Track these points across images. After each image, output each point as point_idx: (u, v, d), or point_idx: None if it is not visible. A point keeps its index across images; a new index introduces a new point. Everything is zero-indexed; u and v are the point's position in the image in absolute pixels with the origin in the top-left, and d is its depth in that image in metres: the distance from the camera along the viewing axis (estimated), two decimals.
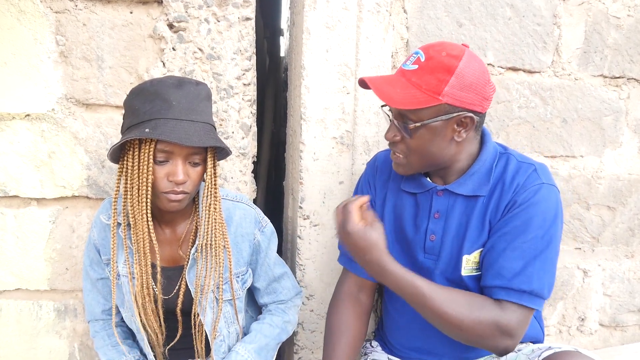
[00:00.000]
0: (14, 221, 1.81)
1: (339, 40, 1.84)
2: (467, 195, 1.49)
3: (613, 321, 2.43)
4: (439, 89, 1.33)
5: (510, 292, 1.37)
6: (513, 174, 1.45)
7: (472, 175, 1.48)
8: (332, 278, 1.97)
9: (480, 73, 1.37)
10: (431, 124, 1.37)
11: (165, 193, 1.38)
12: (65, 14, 1.70)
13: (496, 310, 1.37)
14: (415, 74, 1.37)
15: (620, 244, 2.36)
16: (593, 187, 2.27)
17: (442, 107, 1.35)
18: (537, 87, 2.11)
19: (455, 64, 1.33)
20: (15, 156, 1.76)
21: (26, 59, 1.71)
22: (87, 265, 1.61)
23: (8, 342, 1.89)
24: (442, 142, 1.41)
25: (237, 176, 1.85)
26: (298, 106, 1.91)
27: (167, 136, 1.28)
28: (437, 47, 1.38)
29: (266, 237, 1.65)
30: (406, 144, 1.44)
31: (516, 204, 1.41)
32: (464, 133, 1.41)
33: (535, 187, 1.41)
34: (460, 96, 1.34)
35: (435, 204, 1.54)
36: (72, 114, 1.76)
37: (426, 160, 1.46)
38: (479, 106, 1.38)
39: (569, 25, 2.10)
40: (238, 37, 1.77)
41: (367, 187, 1.72)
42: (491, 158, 1.50)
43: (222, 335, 1.59)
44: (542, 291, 1.38)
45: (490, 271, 1.42)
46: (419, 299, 1.35)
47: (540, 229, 1.38)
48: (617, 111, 2.23)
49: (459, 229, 1.51)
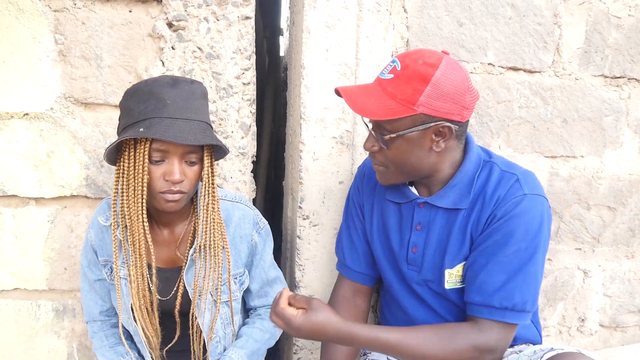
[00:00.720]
0: (12, 221, 1.80)
1: (339, 40, 1.83)
2: (447, 208, 1.46)
3: (613, 322, 2.43)
4: (413, 99, 1.29)
5: (492, 309, 1.36)
6: (494, 186, 1.42)
7: (454, 187, 1.45)
8: (332, 278, 1.96)
9: (459, 81, 1.32)
10: (407, 134, 1.34)
11: (162, 193, 1.36)
12: (64, 12, 1.69)
13: (472, 333, 1.36)
14: (390, 83, 1.34)
15: (620, 244, 2.35)
16: (593, 188, 2.26)
17: (418, 117, 1.31)
18: (537, 87, 2.10)
19: (431, 73, 1.29)
20: (14, 155, 1.75)
21: (25, 57, 1.70)
22: (85, 266, 1.60)
23: (6, 342, 1.88)
24: (420, 152, 1.38)
25: (236, 176, 1.85)
26: (298, 106, 1.90)
27: (162, 135, 1.27)
28: (414, 55, 1.34)
29: (262, 238, 1.65)
30: (384, 155, 1.41)
31: (496, 218, 1.38)
32: (443, 143, 1.37)
33: (517, 199, 1.37)
34: (436, 106, 1.30)
35: (417, 216, 1.52)
36: (70, 113, 1.76)
37: (406, 170, 1.43)
38: (457, 115, 1.34)
39: (569, 24, 2.09)
40: (237, 36, 1.76)
41: (356, 193, 1.71)
42: (474, 168, 1.45)
43: (218, 337, 1.58)
44: (525, 305, 1.36)
45: (472, 286, 1.41)
46: (394, 350, 1.34)
47: (522, 242, 1.35)
48: (618, 111, 2.22)
49: (440, 243, 1.49)
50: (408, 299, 1.60)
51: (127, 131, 1.32)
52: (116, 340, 1.62)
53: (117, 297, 1.49)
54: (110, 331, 1.64)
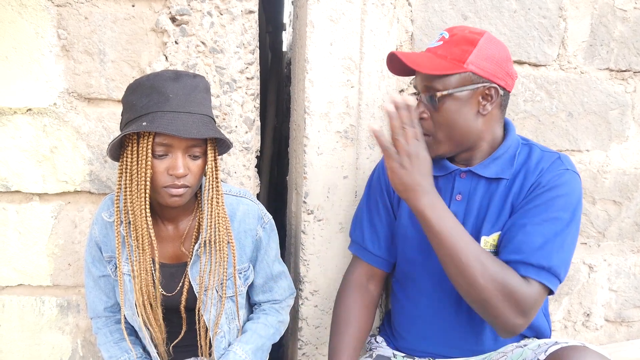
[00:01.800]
0: (16, 216, 1.80)
1: (343, 34, 1.82)
2: (490, 177, 1.50)
3: (619, 317, 2.42)
4: (463, 58, 1.38)
5: (529, 267, 1.35)
6: (537, 160, 1.48)
7: (496, 159, 1.50)
8: (337, 273, 1.95)
9: (502, 49, 1.43)
10: (457, 93, 1.40)
11: (165, 187, 1.36)
12: (66, 7, 1.69)
13: (518, 279, 1.33)
14: (440, 48, 1.44)
15: (626, 238, 2.34)
16: (599, 182, 2.25)
17: (467, 76, 1.39)
18: (542, 80, 2.09)
19: (477, 38, 1.40)
20: (17, 151, 1.75)
21: (28, 53, 1.70)
22: (89, 262, 1.60)
23: (11, 338, 1.88)
24: (468, 114, 1.43)
25: (240, 171, 1.84)
26: (302, 100, 1.89)
27: (165, 128, 1.27)
28: (460, 27, 1.47)
29: (267, 233, 1.64)
30: (433, 120, 1.45)
31: (540, 185, 1.43)
32: (489, 106, 1.43)
33: (561, 171, 1.43)
34: (483, 66, 1.39)
35: (457, 186, 1.54)
36: (74, 108, 1.75)
37: (454, 136, 1.46)
38: (502, 80, 1.42)
39: (574, 18, 2.08)
40: (241, 30, 1.75)
41: (385, 175, 1.69)
42: (514, 146, 1.52)
43: (222, 331, 1.58)
44: (560, 269, 1.36)
45: (509, 246, 1.40)
46: (452, 239, 1.33)
47: (562, 211, 1.38)
48: (623, 105, 2.21)
49: (480, 211, 1.51)
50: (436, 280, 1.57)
51: (130, 126, 1.31)
52: (120, 336, 1.62)
53: (120, 293, 1.48)
54: (115, 327, 1.64)
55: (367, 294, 1.69)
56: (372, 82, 1.87)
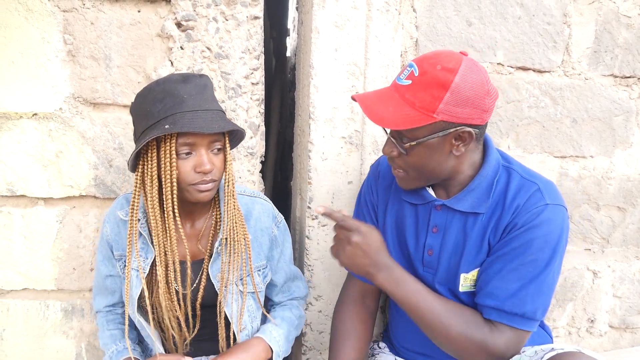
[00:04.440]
0: (21, 221, 1.80)
1: (348, 40, 1.83)
2: (465, 211, 1.45)
3: (623, 323, 2.41)
4: (433, 107, 1.26)
5: (502, 313, 1.35)
6: (514, 194, 1.39)
7: (472, 190, 1.43)
8: (341, 279, 1.95)
9: (479, 85, 1.28)
10: (427, 141, 1.32)
11: (194, 185, 1.38)
12: (73, 12, 1.69)
13: (485, 330, 1.35)
14: (408, 90, 1.30)
15: (630, 245, 2.34)
16: (603, 188, 2.25)
17: (438, 124, 1.28)
18: (547, 86, 2.09)
19: (450, 79, 1.25)
20: (23, 155, 1.75)
21: (34, 57, 1.71)
22: (99, 260, 1.61)
23: (15, 342, 1.88)
24: (440, 157, 1.36)
25: (245, 176, 1.84)
26: (307, 105, 1.89)
27: (189, 127, 1.29)
28: (432, 59, 1.30)
29: (282, 232, 1.67)
30: (404, 160, 1.39)
31: (516, 227, 1.36)
32: (463, 147, 1.35)
33: (538, 209, 1.35)
34: (456, 112, 1.27)
35: (433, 218, 1.50)
36: (79, 113, 1.76)
37: (426, 174, 1.41)
38: (477, 119, 1.30)
39: (579, 24, 2.08)
40: (246, 36, 1.76)
41: (369, 192, 1.69)
42: (493, 172, 1.43)
43: (247, 329, 1.59)
44: (535, 314, 1.35)
45: (484, 290, 1.40)
46: (418, 304, 1.36)
47: (540, 252, 1.33)
48: (628, 111, 2.21)
49: (456, 247, 1.47)
50: None
51: (150, 132, 1.32)
52: (115, 326, 1.64)
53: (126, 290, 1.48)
54: (112, 317, 1.65)
55: (363, 308, 1.67)
56: (376, 87, 1.87)
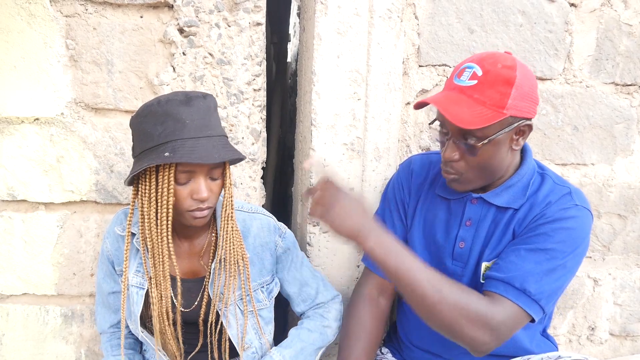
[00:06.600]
0: (22, 225, 1.80)
1: (350, 46, 1.83)
2: (501, 206, 1.48)
3: (623, 331, 2.41)
4: (503, 103, 1.31)
5: (509, 287, 1.34)
6: (547, 193, 1.45)
7: (510, 187, 1.47)
8: (343, 285, 1.95)
9: (532, 79, 1.37)
10: (496, 138, 1.35)
11: (190, 211, 1.36)
12: (75, 18, 1.70)
13: (484, 302, 1.32)
14: (476, 89, 1.33)
15: (631, 252, 2.34)
16: (604, 196, 2.25)
17: (506, 120, 1.33)
18: (548, 94, 2.09)
19: (514, 75, 1.31)
20: (24, 160, 1.75)
21: (36, 62, 1.71)
22: (100, 278, 1.60)
23: (15, 347, 1.88)
24: (503, 153, 1.40)
25: (246, 182, 1.84)
26: (308, 112, 1.89)
27: (189, 158, 1.26)
28: (490, 59, 1.35)
29: (289, 242, 1.65)
30: (466, 162, 1.41)
31: (544, 216, 1.40)
32: (522, 140, 1.41)
33: (568, 206, 1.40)
34: (521, 106, 1.33)
35: (468, 211, 1.53)
36: (81, 118, 1.76)
37: (486, 174, 1.44)
38: (533, 112, 1.38)
39: (580, 32, 2.09)
40: (249, 42, 1.76)
41: (400, 189, 1.70)
42: (529, 174, 1.49)
43: (254, 347, 1.58)
44: (540, 297, 1.33)
45: (499, 264, 1.40)
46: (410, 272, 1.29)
47: (562, 244, 1.35)
48: (629, 119, 2.21)
49: (486, 238, 1.50)
50: None
51: (149, 155, 1.30)
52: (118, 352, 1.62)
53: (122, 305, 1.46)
54: (116, 342, 1.63)
55: (377, 307, 1.68)
56: (378, 94, 1.87)
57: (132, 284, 1.49)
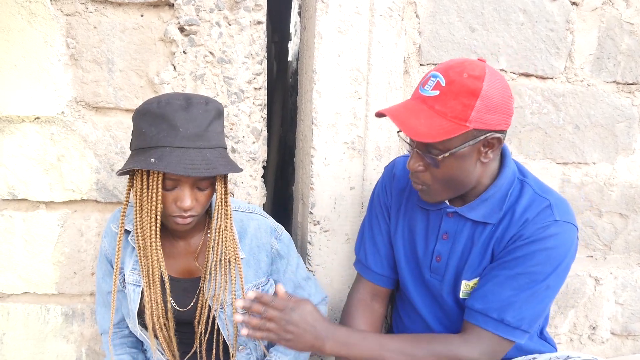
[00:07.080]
0: (22, 224, 1.80)
1: (351, 45, 1.82)
2: (476, 220, 1.44)
3: (625, 330, 2.41)
4: (465, 115, 1.24)
5: (487, 319, 1.34)
6: (524, 208, 1.38)
7: (486, 200, 1.42)
8: (343, 284, 1.95)
9: (504, 90, 1.28)
10: (459, 151, 1.29)
11: (173, 217, 1.35)
12: (76, 16, 1.69)
13: (455, 342, 1.34)
14: (437, 100, 1.27)
15: (632, 252, 2.33)
16: (605, 195, 2.25)
17: (470, 133, 1.26)
18: (549, 93, 2.09)
19: (479, 86, 1.24)
20: (25, 159, 1.75)
21: (36, 61, 1.70)
22: (100, 277, 1.59)
23: (15, 346, 1.88)
24: (469, 166, 1.34)
25: (247, 181, 1.84)
26: (309, 111, 1.89)
27: (173, 168, 1.23)
28: (456, 68, 1.28)
29: (284, 244, 1.63)
30: (431, 173, 1.37)
31: (522, 237, 1.35)
32: (491, 153, 1.34)
33: (547, 224, 1.33)
34: (487, 119, 1.25)
35: (444, 225, 1.49)
36: (81, 117, 1.75)
37: (453, 186, 1.39)
38: (504, 124, 1.30)
39: (582, 31, 2.08)
40: (249, 40, 1.76)
41: (383, 194, 1.68)
42: (508, 183, 1.42)
43: (249, 348, 1.58)
44: (520, 323, 1.33)
45: (477, 293, 1.40)
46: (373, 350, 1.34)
47: (541, 265, 1.32)
48: (630, 118, 2.21)
49: (463, 253, 1.47)
50: (427, 306, 1.59)
51: (140, 155, 1.29)
52: (123, 350, 1.61)
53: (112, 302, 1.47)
54: (119, 341, 1.63)
55: (371, 312, 1.67)
56: (379, 93, 1.87)
57: (129, 282, 1.48)
